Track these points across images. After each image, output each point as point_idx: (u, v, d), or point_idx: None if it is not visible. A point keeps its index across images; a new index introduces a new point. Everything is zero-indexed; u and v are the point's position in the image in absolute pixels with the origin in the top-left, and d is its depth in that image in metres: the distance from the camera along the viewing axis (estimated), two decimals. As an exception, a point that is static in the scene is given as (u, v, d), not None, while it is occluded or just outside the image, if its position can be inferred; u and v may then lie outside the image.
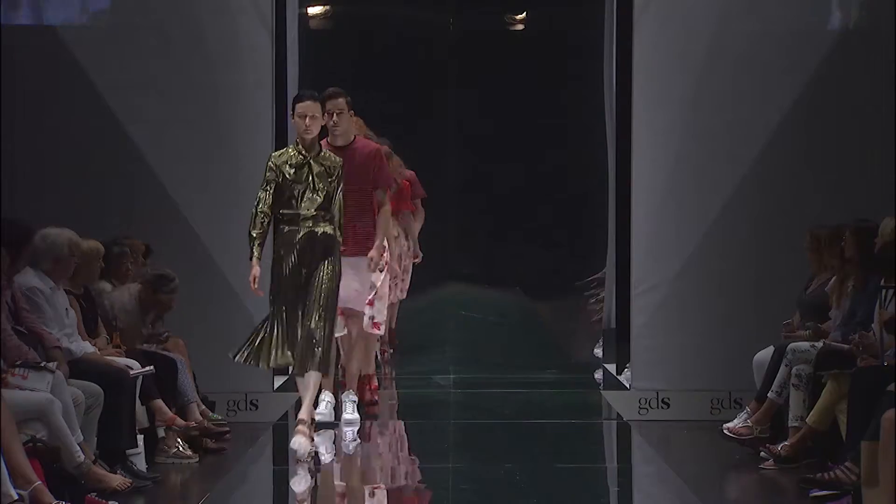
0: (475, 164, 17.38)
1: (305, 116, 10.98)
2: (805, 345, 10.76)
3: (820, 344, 10.65)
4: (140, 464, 9.93)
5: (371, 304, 12.72)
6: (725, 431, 11.33)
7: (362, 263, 12.06)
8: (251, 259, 10.90)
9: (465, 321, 17.14)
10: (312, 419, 10.99)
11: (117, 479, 9.35)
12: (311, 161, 11.05)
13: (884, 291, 9.56)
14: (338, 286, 11.15)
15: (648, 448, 11.95)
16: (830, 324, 10.81)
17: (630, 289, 13.29)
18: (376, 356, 14.56)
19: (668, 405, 12.80)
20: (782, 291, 11.79)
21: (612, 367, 14.65)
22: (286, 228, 11.04)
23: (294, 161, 11.04)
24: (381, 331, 13.39)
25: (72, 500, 8.30)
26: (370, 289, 12.62)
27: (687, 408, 12.68)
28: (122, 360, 10.28)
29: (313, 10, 17.02)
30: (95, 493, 8.95)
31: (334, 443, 11.72)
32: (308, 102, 11.04)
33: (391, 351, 16.09)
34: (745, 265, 12.52)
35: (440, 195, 15.34)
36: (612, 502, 10.59)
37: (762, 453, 10.75)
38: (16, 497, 7.75)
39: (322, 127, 11.34)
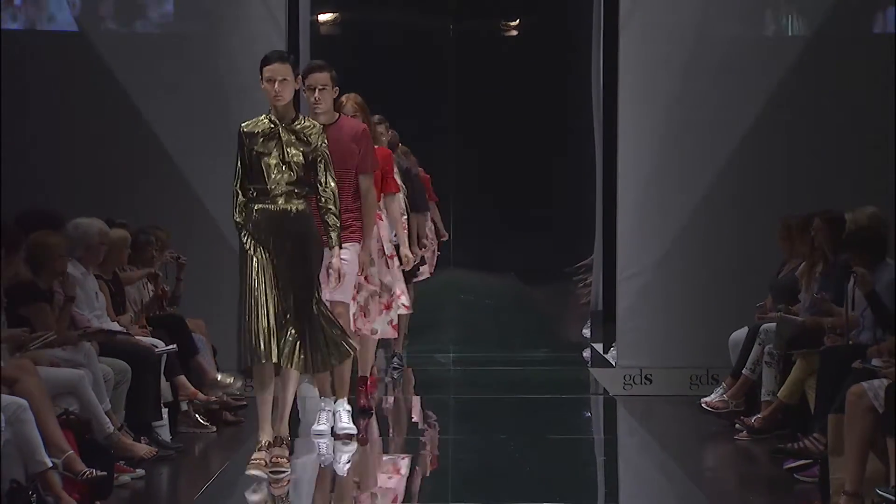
0: (474, 160, 17.40)
1: (274, 81, 8.91)
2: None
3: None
4: (164, 434, 9.97)
5: (388, 307, 10.95)
6: (703, 405, 11.44)
7: (349, 250, 10.00)
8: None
9: (464, 304, 17.17)
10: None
11: (144, 449, 9.41)
12: (282, 130, 8.97)
13: (852, 277, 9.59)
14: (316, 272, 9.15)
15: (632, 420, 12.01)
16: (800, 306, 10.84)
17: (616, 274, 13.36)
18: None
19: (651, 381, 12.89)
20: (756, 276, 11.84)
21: (599, 347, 14.68)
22: (256, 206, 8.99)
23: (264, 130, 8.99)
24: (383, 334, 11.23)
25: (102, 467, 8.32)
26: (383, 292, 10.88)
27: (668, 383, 12.77)
28: (148, 340, 10.32)
29: (323, 17, 17.03)
30: (124, 461, 9.01)
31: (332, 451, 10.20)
32: (276, 65, 8.94)
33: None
34: (721, 252, 12.59)
35: (440, 190, 15.35)
36: (599, 471, 10.62)
37: (737, 425, 10.80)
38: (50, 465, 7.78)
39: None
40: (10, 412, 7.61)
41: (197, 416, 10.76)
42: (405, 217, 12.26)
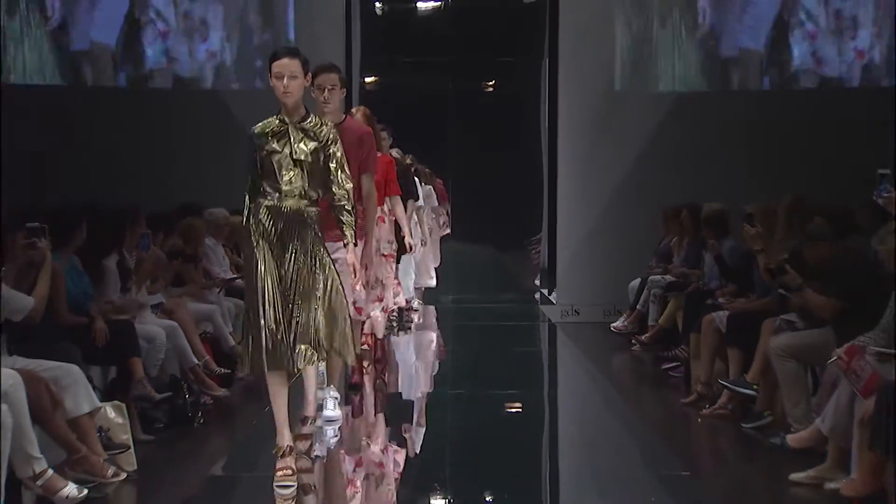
0: (466, 170, 17.37)
1: (283, 77, 5.95)
2: (659, 277, 10.85)
3: (668, 277, 10.70)
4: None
5: (380, 300, 8.47)
6: (612, 329, 11.53)
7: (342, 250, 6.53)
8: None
9: (459, 264, 17.17)
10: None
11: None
12: (291, 127, 6.02)
13: (705, 245, 9.65)
14: (328, 269, 6.00)
15: (566, 339, 12.03)
16: (674, 266, 10.90)
17: (556, 244, 13.41)
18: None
19: (579, 313, 12.87)
20: (646, 246, 11.74)
21: (545, 291, 14.73)
22: (266, 204, 5.98)
23: (274, 129, 6.05)
24: (362, 316, 8.11)
25: (227, 368, 8.41)
26: (377, 284, 8.34)
27: (590, 314, 12.72)
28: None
29: (368, 79, 17.05)
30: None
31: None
32: (285, 60, 5.97)
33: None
34: (625, 230, 12.51)
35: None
36: (546, 371, 10.75)
37: (633, 342, 10.87)
38: (196, 362, 7.92)
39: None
40: (169, 331, 7.71)
41: None
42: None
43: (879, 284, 6.19)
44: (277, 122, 6.07)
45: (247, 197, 6.09)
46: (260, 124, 6.11)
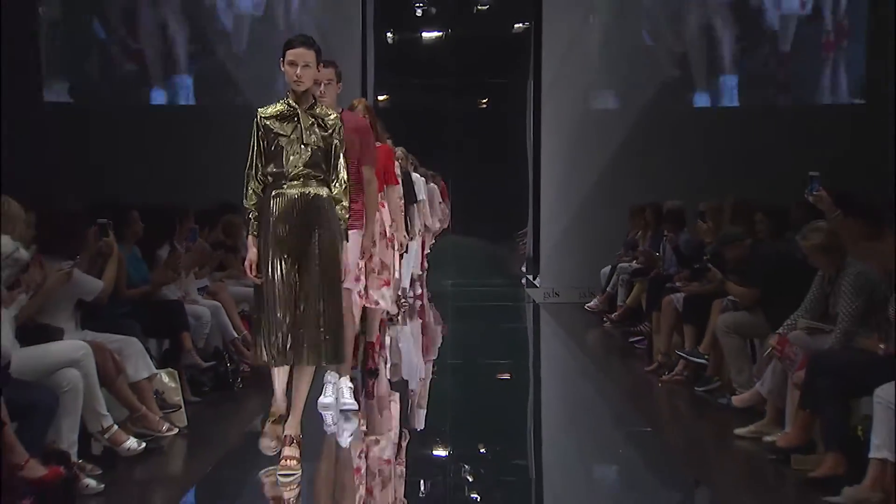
0: (464, 174, 17.39)
1: (296, 65, 5.06)
2: (626, 265, 10.84)
3: (634, 264, 10.65)
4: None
5: (388, 284, 7.25)
6: (587, 308, 11.50)
7: (351, 236, 5.94)
8: (247, 237, 5.30)
9: (458, 255, 17.21)
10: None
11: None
12: (301, 113, 5.12)
13: (665, 238, 9.68)
14: (339, 259, 5.15)
15: (549, 317, 12.02)
16: (639, 252, 10.86)
17: (540, 237, 13.42)
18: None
19: (558, 295, 12.85)
20: (616, 238, 11.75)
21: (530, 276, 14.74)
22: (274, 192, 5.11)
23: (282, 113, 5.15)
24: (385, 306, 7.41)
25: (264, 342, 8.33)
26: (383, 270, 7.22)
27: (568, 295, 12.69)
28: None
29: (381, 97, 17.08)
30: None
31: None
32: (300, 49, 5.08)
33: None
34: (598, 224, 12.50)
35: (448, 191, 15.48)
36: (530, 343, 10.79)
37: (604, 319, 10.86)
38: (236, 336, 7.88)
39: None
40: (213, 310, 7.71)
41: None
42: (402, 202, 8.57)
43: (798, 274, 6.24)
44: (285, 106, 5.17)
45: (245, 176, 5.22)
46: (266, 108, 5.21)
